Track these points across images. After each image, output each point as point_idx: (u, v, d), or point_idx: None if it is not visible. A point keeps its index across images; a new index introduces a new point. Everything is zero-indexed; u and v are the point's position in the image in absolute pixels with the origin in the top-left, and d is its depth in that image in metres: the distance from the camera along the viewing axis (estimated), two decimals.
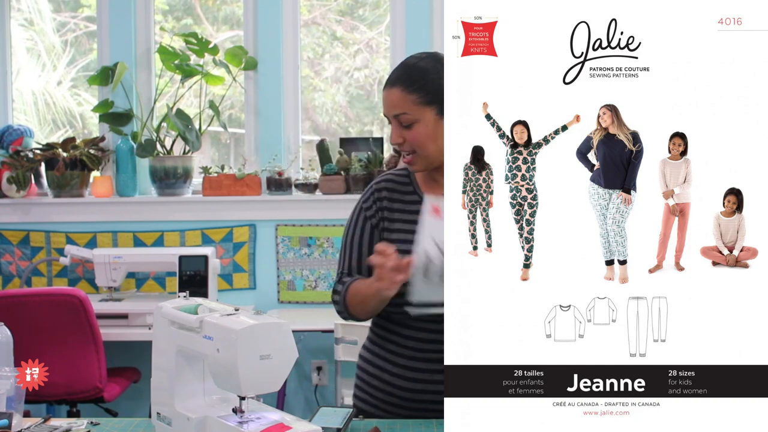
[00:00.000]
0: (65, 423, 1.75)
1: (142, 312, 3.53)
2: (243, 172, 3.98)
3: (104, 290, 3.79)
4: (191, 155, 4.01)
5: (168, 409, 1.66)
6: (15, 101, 4.30)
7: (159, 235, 4.02)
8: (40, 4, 4.36)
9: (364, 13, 4.36)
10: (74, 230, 4.01)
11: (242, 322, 1.52)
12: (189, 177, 4.02)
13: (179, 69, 3.96)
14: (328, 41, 4.40)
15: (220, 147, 4.55)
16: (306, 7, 4.30)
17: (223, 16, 4.40)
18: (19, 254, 4.02)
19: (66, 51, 4.43)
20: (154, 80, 4.16)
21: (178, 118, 3.93)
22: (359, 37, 4.40)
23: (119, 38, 4.07)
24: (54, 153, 3.92)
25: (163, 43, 4.02)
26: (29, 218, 4.01)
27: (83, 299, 3.21)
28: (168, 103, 4.06)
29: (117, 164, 4.02)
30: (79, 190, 3.99)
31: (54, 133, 4.47)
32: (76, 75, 4.49)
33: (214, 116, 4.00)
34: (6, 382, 1.68)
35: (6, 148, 4.01)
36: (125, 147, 3.99)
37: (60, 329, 3.21)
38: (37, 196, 4.04)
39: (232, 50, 4.00)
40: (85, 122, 4.52)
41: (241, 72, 4.08)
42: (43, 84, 4.47)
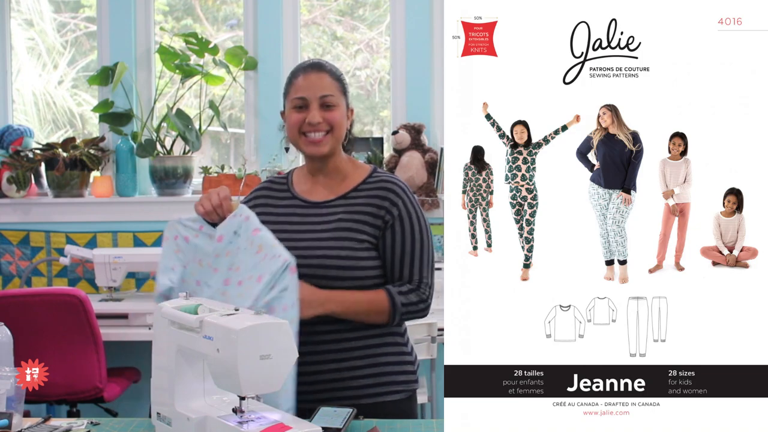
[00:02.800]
0: (65, 423, 1.75)
1: (142, 312, 3.53)
2: (243, 172, 3.98)
3: (104, 290, 3.79)
4: (191, 155, 4.01)
5: (168, 409, 1.66)
6: (15, 101, 4.30)
7: (159, 235, 4.01)
8: (41, 4, 4.36)
9: (364, 13, 4.36)
10: (74, 230, 4.01)
11: (242, 322, 1.52)
12: (189, 177, 4.02)
13: (179, 69, 3.96)
14: (328, 41, 4.40)
15: (220, 147, 4.55)
16: (306, 7, 4.30)
17: (223, 16, 4.40)
18: (19, 254, 4.03)
19: (66, 51, 4.43)
20: (154, 80, 4.17)
21: (178, 118, 3.93)
22: (359, 37, 4.40)
23: (119, 38, 4.07)
24: (54, 153, 3.92)
25: (163, 43, 4.02)
26: (29, 218, 4.01)
27: (83, 299, 3.21)
28: (168, 103, 4.06)
29: (117, 164, 4.02)
30: (79, 190, 3.99)
31: (54, 133, 4.48)
32: (76, 75, 4.49)
33: (214, 116, 4.00)
34: (6, 382, 1.68)
35: (6, 148, 4.01)
36: (125, 147, 4.00)
37: (60, 329, 3.21)
38: (37, 196, 4.04)
39: (232, 50, 4.01)
40: (85, 122, 4.52)
41: (241, 72, 4.09)
42: (44, 84, 4.47)
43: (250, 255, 1.84)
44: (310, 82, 1.98)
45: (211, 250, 1.90)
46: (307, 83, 1.98)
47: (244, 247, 1.86)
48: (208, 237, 1.91)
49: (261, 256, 1.82)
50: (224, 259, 1.88)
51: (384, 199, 1.97)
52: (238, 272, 1.86)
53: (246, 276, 1.84)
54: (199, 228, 1.93)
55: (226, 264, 1.88)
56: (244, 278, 1.84)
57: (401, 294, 1.93)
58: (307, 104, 1.97)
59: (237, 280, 1.85)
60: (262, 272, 1.80)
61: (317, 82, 1.98)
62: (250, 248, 1.85)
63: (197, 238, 1.92)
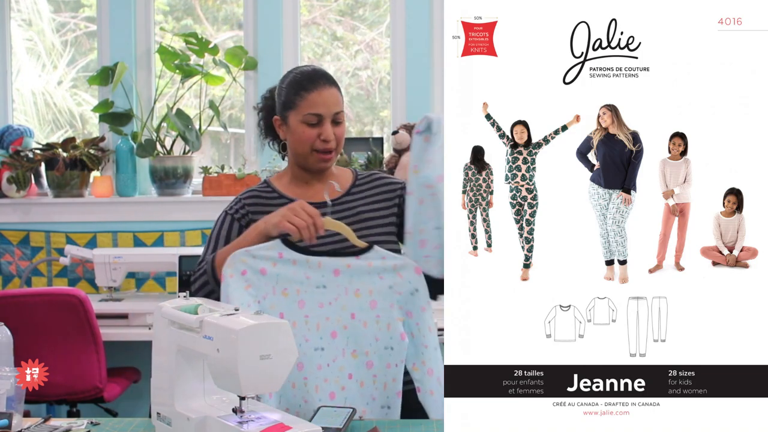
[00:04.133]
0: (65, 423, 1.75)
1: (142, 312, 3.53)
2: (243, 172, 3.97)
3: (104, 290, 3.79)
4: (191, 155, 4.01)
5: (168, 409, 1.66)
6: (15, 101, 4.30)
7: (159, 235, 4.02)
8: (39, 4, 4.36)
9: (364, 13, 4.36)
10: (74, 230, 4.01)
11: (242, 322, 1.52)
12: (189, 177, 4.02)
13: (179, 69, 3.96)
14: (328, 41, 4.40)
15: (220, 147, 4.55)
16: (306, 7, 4.30)
17: (223, 16, 4.40)
18: (19, 254, 4.03)
19: (66, 51, 4.43)
20: (154, 80, 4.17)
21: (178, 118, 3.93)
22: (359, 38, 4.40)
23: (119, 38, 4.07)
24: (54, 153, 3.92)
25: (163, 43, 4.02)
26: (29, 218, 4.01)
27: (83, 299, 3.21)
28: (168, 103, 4.06)
29: (117, 164, 4.02)
30: (79, 190, 3.99)
31: (54, 133, 4.48)
32: (76, 75, 4.49)
33: (214, 116, 4.00)
34: (6, 382, 1.68)
35: (6, 148, 4.01)
36: (125, 147, 3.99)
37: (60, 329, 3.21)
38: (37, 196, 4.04)
39: (232, 50, 4.01)
40: (85, 122, 4.52)
41: (241, 72, 4.09)
42: (43, 84, 4.47)
43: (365, 274, 1.87)
44: (325, 99, 1.98)
45: (304, 277, 1.85)
46: (322, 99, 1.98)
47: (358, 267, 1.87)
48: (291, 263, 1.84)
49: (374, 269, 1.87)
50: (334, 289, 1.86)
51: (388, 184, 2.10)
52: (359, 297, 1.87)
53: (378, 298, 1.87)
54: (278, 256, 1.83)
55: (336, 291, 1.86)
56: (378, 299, 1.87)
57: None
58: (322, 121, 1.98)
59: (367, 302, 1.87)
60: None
61: (330, 98, 1.99)
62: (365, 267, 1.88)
63: (276, 267, 1.83)
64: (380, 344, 1.87)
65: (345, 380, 1.86)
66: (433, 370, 1.91)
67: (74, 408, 3.38)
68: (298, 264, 1.84)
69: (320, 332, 1.85)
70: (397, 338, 1.87)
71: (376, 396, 1.87)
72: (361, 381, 1.87)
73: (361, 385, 1.86)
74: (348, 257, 1.87)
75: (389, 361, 1.88)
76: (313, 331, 1.84)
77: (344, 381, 1.85)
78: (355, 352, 1.86)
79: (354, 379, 1.86)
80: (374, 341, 1.87)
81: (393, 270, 1.88)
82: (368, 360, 1.86)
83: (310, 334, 1.84)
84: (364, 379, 1.87)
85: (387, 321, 1.87)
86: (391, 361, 1.88)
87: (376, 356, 1.87)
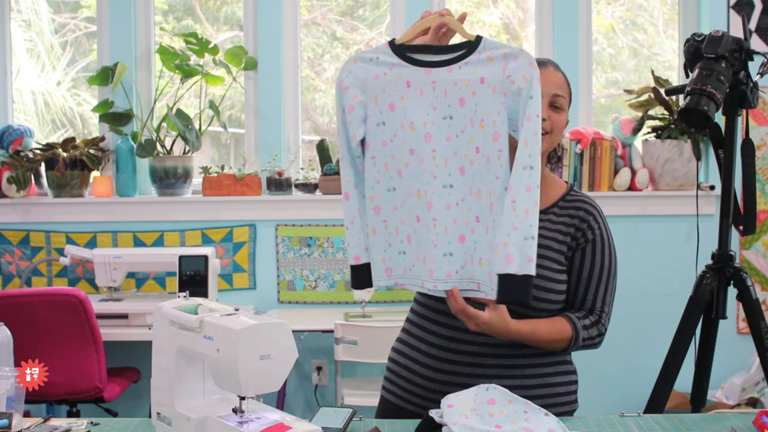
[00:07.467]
0: (65, 423, 1.75)
1: (142, 312, 3.53)
2: (243, 172, 3.98)
3: (104, 290, 3.79)
4: (191, 155, 4.01)
5: (168, 409, 1.66)
6: (15, 101, 4.30)
7: (159, 235, 4.02)
8: (39, 5, 4.36)
9: (364, 13, 4.36)
10: (74, 230, 4.01)
11: (242, 322, 1.52)
12: (189, 177, 4.02)
13: (179, 69, 3.96)
14: (328, 41, 4.40)
15: (220, 147, 4.55)
16: (306, 7, 4.30)
17: (224, 16, 4.40)
18: (19, 254, 4.03)
19: (66, 51, 4.43)
20: (154, 80, 4.16)
21: (178, 118, 3.93)
22: (359, 38, 4.40)
23: (119, 38, 4.07)
24: (54, 153, 3.92)
25: (163, 43, 4.02)
26: (29, 218, 4.01)
27: (83, 299, 3.21)
28: (168, 103, 4.06)
29: (117, 164, 4.02)
30: (79, 190, 3.99)
31: (54, 133, 4.47)
32: (76, 75, 4.49)
33: (214, 116, 4.00)
34: (6, 382, 1.68)
35: (6, 148, 4.01)
36: (125, 147, 3.99)
37: (60, 329, 3.21)
38: (37, 196, 4.04)
39: (232, 50, 4.00)
40: (85, 122, 4.52)
41: (241, 72, 4.09)
42: (43, 84, 4.47)
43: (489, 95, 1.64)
44: (549, 78, 1.85)
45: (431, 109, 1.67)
46: (547, 77, 1.82)
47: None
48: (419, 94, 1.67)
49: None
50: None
51: (582, 220, 1.87)
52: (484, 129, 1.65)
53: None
54: (399, 62, 1.69)
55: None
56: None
57: (585, 328, 1.84)
58: None
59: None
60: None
61: (553, 78, 1.87)
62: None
63: (394, 69, 1.69)
64: (500, 183, 1.65)
65: (474, 223, 1.68)
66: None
67: (74, 408, 3.38)
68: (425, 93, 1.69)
69: (449, 168, 1.69)
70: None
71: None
72: (487, 226, 1.66)
73: (486, 230, 1.66)
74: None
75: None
76: (441, 167, 1.69)
77: (473, 224, 1.68)
78: (480, 191, 1.67)
79: (481, 223, 1.67)
80: (495, 179, 1.66)
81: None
82: (490, 202, 1.66)
83: (438, 170, 1.70)
84: (489, 225, 1.66)
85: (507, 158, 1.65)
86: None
87: (496, 198, 1.65)
